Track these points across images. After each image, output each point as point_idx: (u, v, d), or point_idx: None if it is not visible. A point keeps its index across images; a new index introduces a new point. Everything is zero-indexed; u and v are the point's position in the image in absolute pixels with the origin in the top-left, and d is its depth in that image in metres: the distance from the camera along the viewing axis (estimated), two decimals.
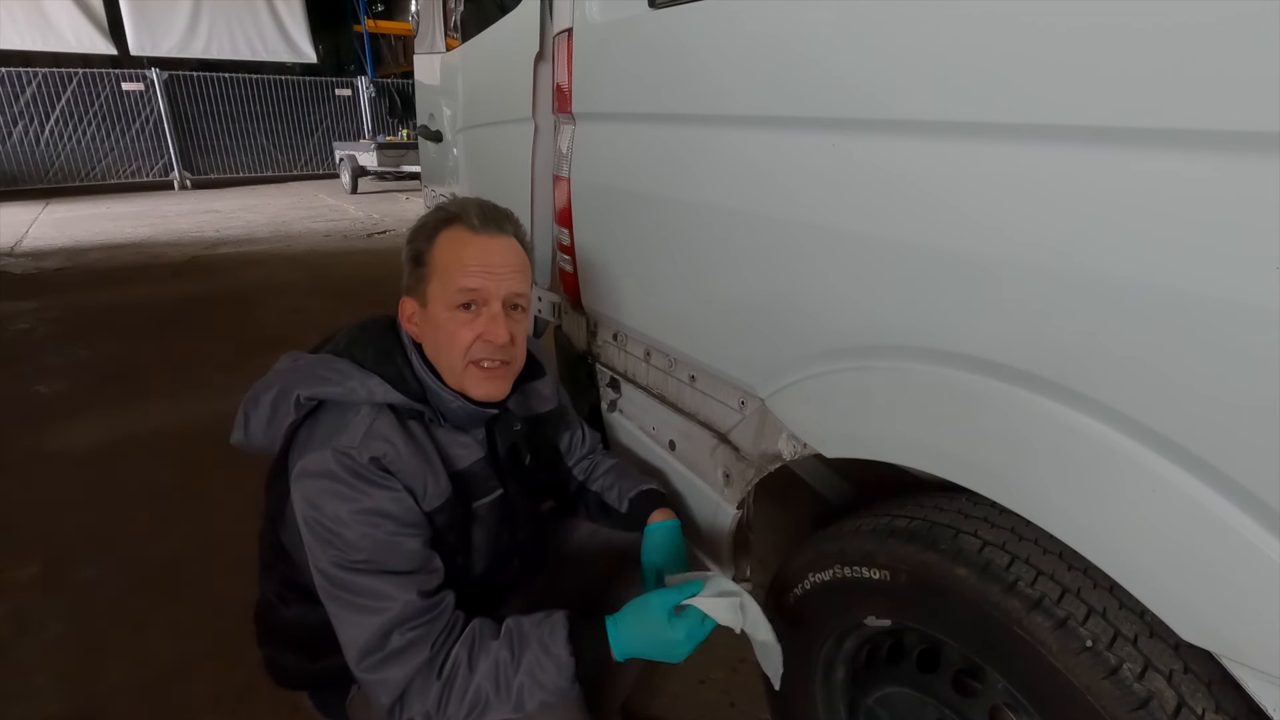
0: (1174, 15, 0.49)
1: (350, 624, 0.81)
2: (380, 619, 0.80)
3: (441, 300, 0.91)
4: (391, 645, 0.80)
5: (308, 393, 0.86)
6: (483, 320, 0.91)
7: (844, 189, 0.77)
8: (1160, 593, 0.58)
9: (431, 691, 0.80)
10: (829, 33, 0.77)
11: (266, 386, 0.90)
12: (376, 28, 14.24)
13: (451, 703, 0.80)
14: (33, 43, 9.98)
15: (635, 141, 1.16)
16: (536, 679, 0.81)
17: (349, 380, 0.87)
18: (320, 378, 0.87)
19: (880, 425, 0.79)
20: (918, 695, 0.84)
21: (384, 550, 0.82)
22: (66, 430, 2.61)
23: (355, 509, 0.81)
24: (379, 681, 0.80)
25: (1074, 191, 0.57)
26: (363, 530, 0.81)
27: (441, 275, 0.91)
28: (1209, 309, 0.49)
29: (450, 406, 0.94)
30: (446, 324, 0.91)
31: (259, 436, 0.90)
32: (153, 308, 4.25)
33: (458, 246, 0.92)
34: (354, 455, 0.82)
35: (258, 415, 0.90)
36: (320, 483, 0.81)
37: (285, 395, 0.87)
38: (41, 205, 8.69)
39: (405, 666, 0.80)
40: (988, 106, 0.62)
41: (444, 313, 0.91)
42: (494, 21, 1.82)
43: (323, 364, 0.90)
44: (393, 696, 0.80)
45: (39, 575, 1.79)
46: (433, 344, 0.94)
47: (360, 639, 0.80)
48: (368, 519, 0.81)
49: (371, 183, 10.76)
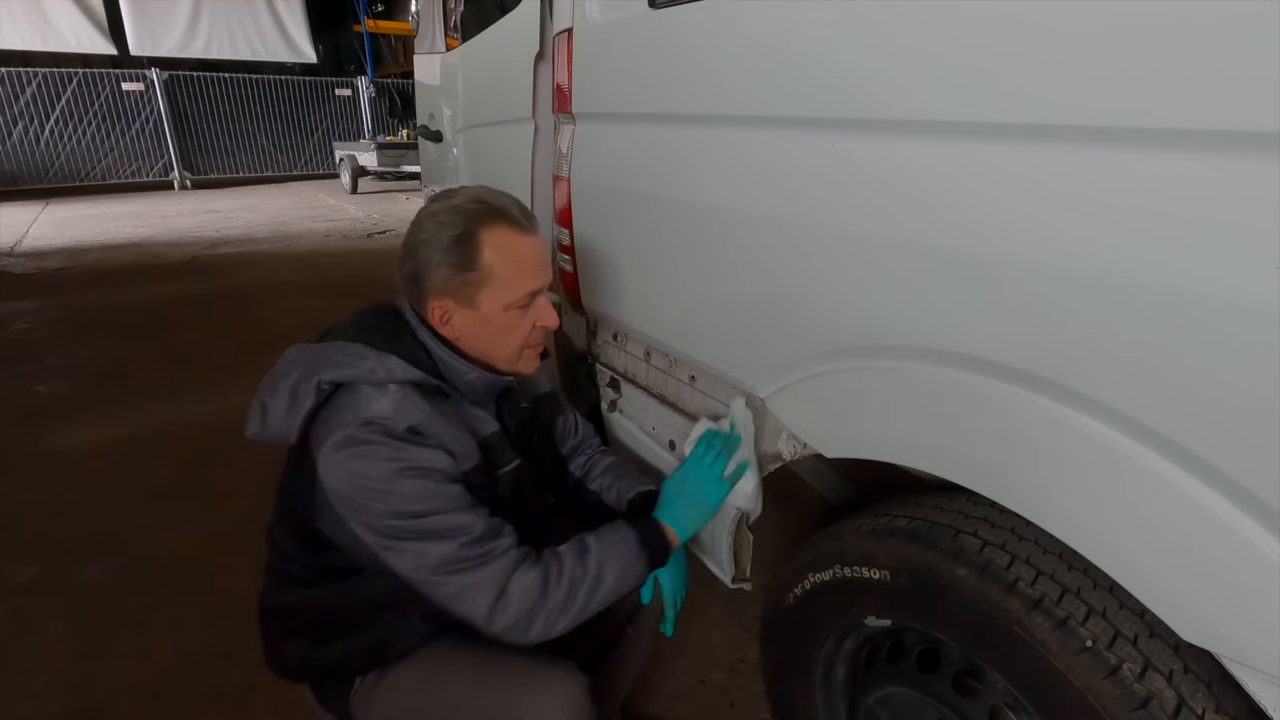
0: (1174, 15, 0.49)
1: (429, 554, 0.84)
2: (454, 542, 0.85)
3: (501, 302, 0.93)
4: (470, 554, 0.85)
5: (330, 376, 0.87)
6: (535, 311, 0.97)
7: (844, 189, 0.77)
8: (1160, 593, 0.58)
9: (531, 579, 0.86)
10: (829, 33, 0.77)
11: (283, 374, 0.90)
12: (376, 28, 14.23)
13: (554, 589, 0.87)
14: (33, 43, 9.97)
15: (635, 141, 1.16)
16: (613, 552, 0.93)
17: (366, 361, 0.88)
18: (340, 362, 0.88)
19: (880, 425, 0.79)
20: (918, 695, 0.84)
21: (438, 495, 0.86)
22: (66, 430, 2.61)
23: (400, 466, 0.83)
24: (474, 584, 0.84)
25: (1074, 191, 0.57)
26: (413, 483, 0.84)
27: (501, 280, 0.92)
28: (1209, 309, 0.49)
29: (468, 378, 0.96)
30: (506, 320, 0.95)
31: (277, 425, 0.89)
32: (153, 308, 4.25)
33: (513, 249, 0.93)
34: (389, 424, 0.84)
35: (275, 403, 0.89)
36: (358, 450, 0.83)
37: (305, 380, 0.87)
38: (41, 205, 8.69)
39: (487, 568, 0.85)
40: (988, 106, 0.62)
41: (504, 313, 0.94)
42: (494, 21, 1.82)
43: (338, 349, 0.90)
44: (492, 595, 0.85)
45: (39, 575, 1.79)
46: (489, 338, 0.96)
47: (445, 556, 0.84)
48: (416, 473, 0.84)
49: (371, 183, 10.75)
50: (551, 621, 0.87)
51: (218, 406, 2.80)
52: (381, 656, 0.98)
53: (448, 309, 0.94)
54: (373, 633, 0.96)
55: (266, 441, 0.90)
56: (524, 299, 0.95)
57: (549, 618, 0.87)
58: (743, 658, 1.52)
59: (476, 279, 0.92)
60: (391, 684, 0.98)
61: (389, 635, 0.97)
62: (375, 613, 0.95)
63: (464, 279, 0.92)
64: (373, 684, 0.98)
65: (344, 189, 10.29)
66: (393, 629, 0.96)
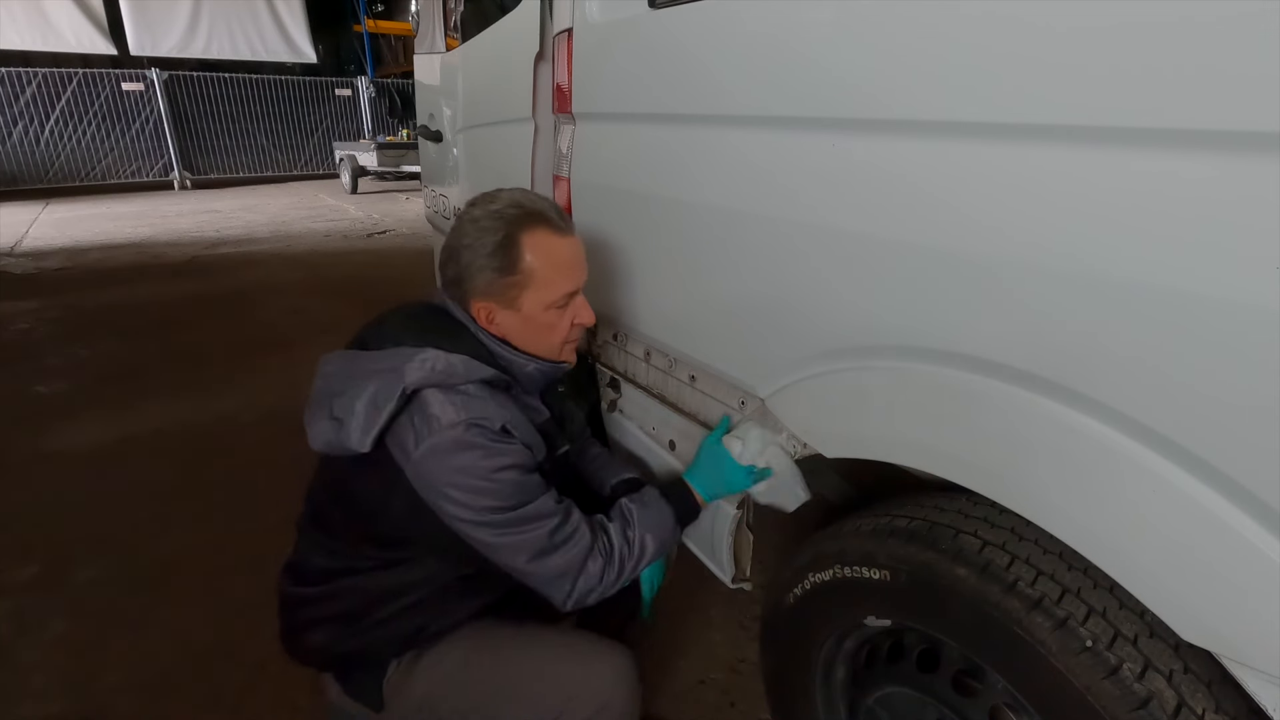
0: (1174, 15, 0.49)
1: (519, 545, 0.90)
2: (543, 529, 0.91)
3: (542, 303, 0.98)
4: (556, 540, 0.92)
5: (415, 383, 0.88)
6: (573, 309, 1.02)
7: (844, 189, 0.77)
8: (1160, 593, 0.58)
9: (596, 563, 0.94)
10: (829, 33, 0.77)
11: (356, 391, 0.88)
12: (376, 28, 14.23)
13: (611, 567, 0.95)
14: (33, 43, 9.97)
15: (635, 141, 1.16)
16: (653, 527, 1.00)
17: (446, 363, 0.90)
18: (421, 366, 0.89)
19: (880, 425, 0.79)
20: (918, 695, 0.84)
21: (528, 487, 0.92)
22: (66, 430, 2.61)
23: (500, 464, 0.89)
24: (557, 568, 0.91)
25: (1074, 192, 0.57)
26: (511, 477, 0.90)
27: (542, 282, 0.96)
28: (1209, 309, 0.50)
29: (527, 370, 1.01)
30: (549, 319, 1.00)
31: (357, 437, 0.88)
32: (153, 308, 4.25)
33: (552, 252, 0.96)
34: (487, 425, 0.89)
35: (355, 420, 0.87)
36: (463, 451, 0.87)
37: (386, 392, 0.87)
38: (41, 205, 8.69)
39: (570, 551, 0.92)
40: (988, 106, 0.62)
41: (546, 313, 0.99)
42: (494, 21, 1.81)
43: (407, 355, 0.90)
44: (571, 578, 0.92)
45: (39, 575, 1.79)
46: (531, 336, 1.01)
47: (531, 546, 0.90)
48: (513, 469, 0.90)
49: (371, 183, 10.75)
50: (606, 590, 0.95)
51: (218, 406, 2.80)
52: (419, 639, 0.99)
53: (491, 310, 0.98)
54: (414, 617, 0.98)
55: (339, 452, 0.90)
56: (563, 299, 0.99)
57: (605, 589, 0.95)
58: (743, 658, 1.52)
59: (519, 281, 0.96)
60: (432, 664, 0.99)
61: (429, 619, 0.99)
62: (418, 597, 0.98)
63: (507, 282, 0.95)
64: (409, 666, 0.99)
65: (344, 189, 10.29)
66: (433, 611, 0.99)
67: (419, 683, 0.98)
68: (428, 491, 0.89)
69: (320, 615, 1.00)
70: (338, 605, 0.99)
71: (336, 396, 0.90)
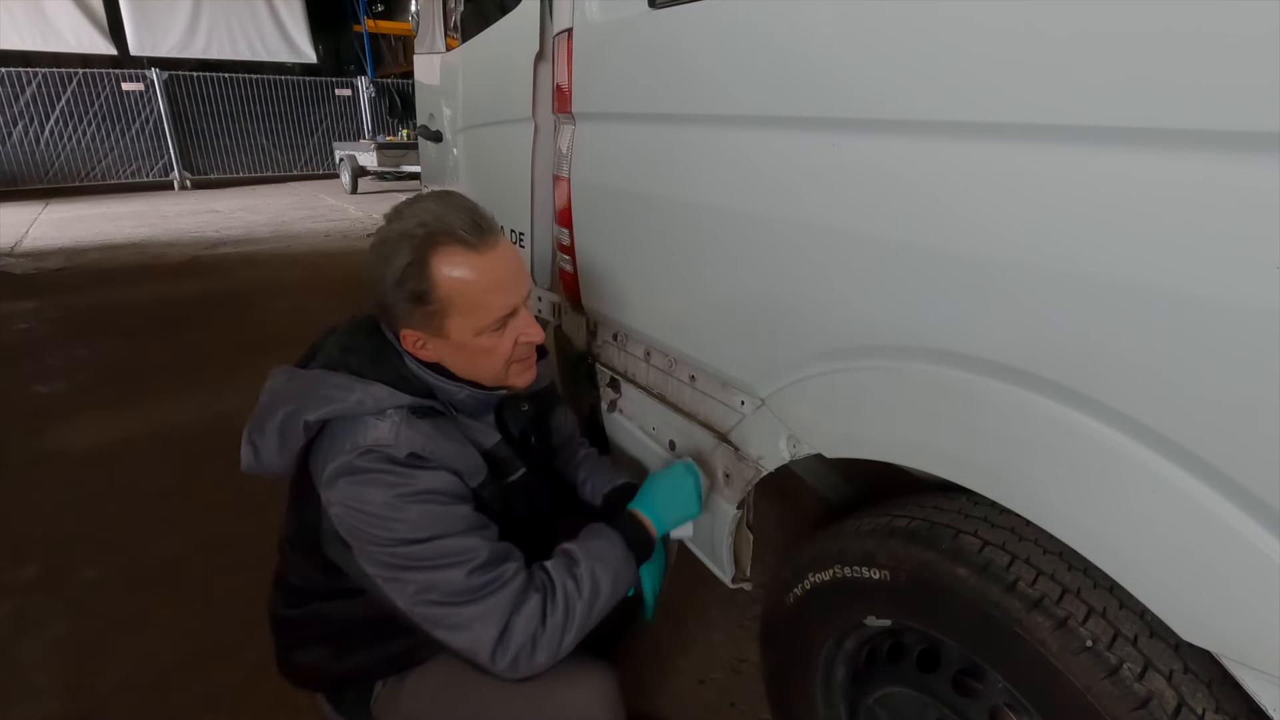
0: (1173, 15, 0.49)
1: (435, 584, 0.82)
2: (462, 569, 0.82)
3: (472, 329, 0.87)
4: (479, 582, 0.82)
5: (315, 416, 0.84)
6: (516, 325, 0.91)
7: (843, 189, 0.77)
8: (1160, 593, 0.58)
9: (531, 608, 0.84)
10: (828, 33, 0.77)
11: (268, 413, 0.86)
12: (376, 28, 14.22)
13: (551, 613, 0.85)
14: (33, 43, 9.98)
15: (635, 141, 1.16)
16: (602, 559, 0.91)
17: (352, 394, 0.85)
18: (324, 398, 0.85)
19: (880, 425, 0.79)
20: (918, 695, 0.84)
21: (445, 519, 0.83)
22: (66, 430, 2.61)
23: (403, 493, 0.81)
24: (479, 616, 0.82)
25: (1074, 192, 0.57)
26: (419, 509, 0.82)
27: (462, 310, 0.86)
28: (1209, 309, 0.49)
29: (459, 397, 0.93)
30: (482, 345, 0.89)
31: (272, 463, 0.88)
32: (153, 308, 4.25)
33: (472, 274, 0.84)
34: (390, 452, 0.82)
35: (266, 444, 0.87)
36: (359, 478, 0.81)
37: (291, 421, 0.84)
38: (41, 205, 8.69)
39: (497, 596, 0.82)
40: (988, 106, 0.62)
41: (479, 338, 0.89)
42: (494, 21, 1.81)
43: (321, 382, 0.86)
44: (497, 629, 0.82)
45: (39, 575, 1.79)
46: (467, 362, 0.92)
47: (449, 587, 0.81)
48: (420, 498, 0.82)
49: (371, 183, 10.75)
50: (555, 645, 0.85)
51: (217, 407, 2.80)
52: (406, 661, 0.97)
53: (420, 338, 0.89)
54: (398, 640, 0.96)
55: (264, 475, 0.89)
56: (496, 322, 0.88)
57: (551, 642, 0.85)
58: (743, 658, 1.52)
59: (438, 310, 0.85)
60: (415, 686, 0.97)
61: (414, 642, 0.95)
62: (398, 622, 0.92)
63: (425, 311, 0.85)
64: (394, 687, 0.98)
65: (344, 189, 10.29)
66: (418, 636, 0.93)
67: (404, 704, 0.97)
68: (337, 524, 0.83)
69: (306, 637, 1.00)
70: (320, 628, 0.98)
71: (268, 419, 0.87)
